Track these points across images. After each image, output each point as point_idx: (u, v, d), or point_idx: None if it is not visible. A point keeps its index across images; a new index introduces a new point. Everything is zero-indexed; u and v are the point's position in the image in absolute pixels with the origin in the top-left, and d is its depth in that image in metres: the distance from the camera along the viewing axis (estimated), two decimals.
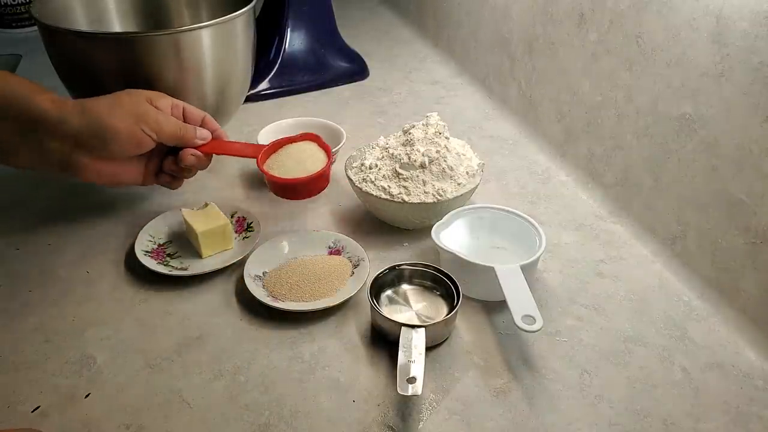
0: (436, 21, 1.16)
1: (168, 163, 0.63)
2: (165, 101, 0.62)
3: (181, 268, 0.60)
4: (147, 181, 0.64)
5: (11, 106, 0.54)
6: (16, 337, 0.54)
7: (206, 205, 0.64)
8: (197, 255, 0.62)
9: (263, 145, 0.64)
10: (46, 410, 0.48)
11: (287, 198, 0.63)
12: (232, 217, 0.67)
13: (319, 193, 0.63)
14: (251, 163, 0.79)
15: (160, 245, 0.63)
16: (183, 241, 0.64)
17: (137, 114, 0.58)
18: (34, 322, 0.56)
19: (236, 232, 0.65)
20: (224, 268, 0.60)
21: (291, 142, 0.64)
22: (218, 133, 0.65)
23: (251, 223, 0.66)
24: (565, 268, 0.63)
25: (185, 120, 0.63)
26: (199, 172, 0.66)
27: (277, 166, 0.62)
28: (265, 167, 0.62)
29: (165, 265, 0.60)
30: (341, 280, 0.58)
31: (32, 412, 0.48)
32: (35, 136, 0.56)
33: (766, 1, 0.50)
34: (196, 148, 0.63)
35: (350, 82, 1.03)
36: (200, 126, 0.64)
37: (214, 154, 0.65)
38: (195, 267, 0.60)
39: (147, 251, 0.62)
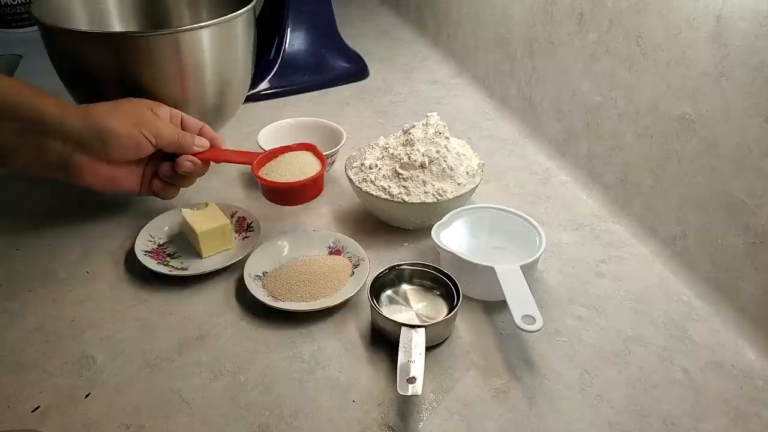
0: (436, 21, 1.16)
1: (164, 168, 0.63)
2: (164, 110, 0.63)
3: (181, 268, 0.60)
4: (143, 189, 0.65)
5: (14, 108, 0.55)
6: (16, 337, 0.54)
7: (206, 205, 0.64)
8: (197, 255, 0.62)
9: (259, 153, 0.65)
10: (46, 410, 0.48)
11: (280, 203, 0.63)
12: (232, 217, 0.66)
13: (311, 199, 0.63)
14: None
15: (160, 245, 0.63)
16: (183, 241, 0.64)
17: (138, 118, 0.60)
18: (34, 322, 0.56)
19: (236, 232, 0.65)
20: (224, 268, 0.60)
21: (287, 151, 0.65)
22: (216, 141, 0.66)
23: (251, 223, 0.66)
24: (565, 268, 0.63)
25: (183, 129, 0.65)
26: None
27: (272, 173, 0.62)
28: (260, 174, 0.62)
29: (165, 265, 0.60)
30: (341, 280, 0.58)
31: (32, 412, 0.48)
32: (37, 138, 0.57)
33: (766, 1, 0.50)
34: (193, 155, 0.63)
35: (350, 82, 1.03)
36: (198, 135, 0.65)
37: (211, 162, 0.65)
38: (195, 267, 0.60)
39: (147, 251, 0.62)
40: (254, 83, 0.94)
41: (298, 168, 0.62)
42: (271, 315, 0.56)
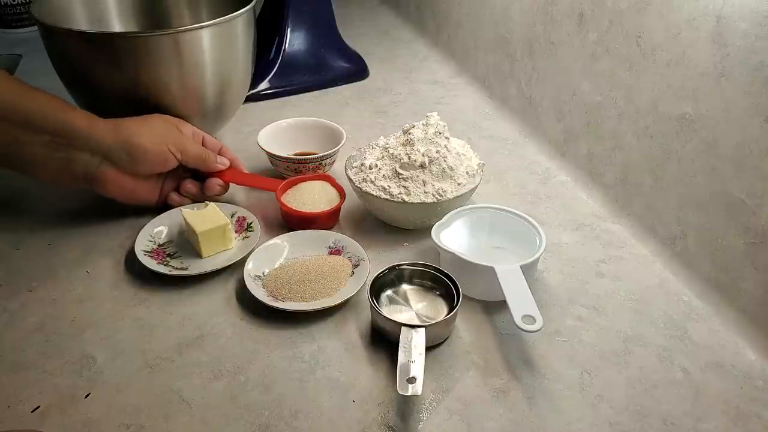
0: (436, 21, 1.16)
1: (190, 187, 0.68)
2: (188, 128, 0.67)
3: (181, 268, 0.60)
4: (159, 200, 0.68)
5: (43, 121, 0.57)
6: (16, 337, 0.54)
7: (206, 205, 0.64)
8: (197, 255, 0.62)
9: (280, 180, 0.69)
10: (46, 410, 0.48)
11: (299, 228, 0.65)
12: (232, 217, 0.66)
13: (329, 227, 0.67)
14: (251, 166, 0.80)
15: (160, 245, 0.63)
16: (183, 241, 0.64)
17: (164, 135, 0.63)
18: (34, 322, 0.56)
19: (236, 232, 0.65)
20: (224, 268, 0.60)
21: (306, 180, 0.69)
22: (235, 162, 0.70)
23: (251, 223, 0.66)
24: (565, 268, 0.63)
25: (204, 147, 0.68)
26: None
27: (294, 201, 0.67)
28: (282, 200, 0.66)
29: (165, 265, 0.60)
30: (341, 280, 0.58)
31: (32, 412, 0.48)
32: (65, 150, 0.59)
33: (766, 1, 0.50)
34: (215, 174, 0.67)
35: (350, 82, 1.03)
36: (218, 154, 0.69)
37: (232, 184, 0.70)
38: (195, 267, 0.60)
39: (147, 251, 0.62)
40: (254, 83, 0.94)
41: (317, 197, 0.67)
42: (271, 315, 0.56)
